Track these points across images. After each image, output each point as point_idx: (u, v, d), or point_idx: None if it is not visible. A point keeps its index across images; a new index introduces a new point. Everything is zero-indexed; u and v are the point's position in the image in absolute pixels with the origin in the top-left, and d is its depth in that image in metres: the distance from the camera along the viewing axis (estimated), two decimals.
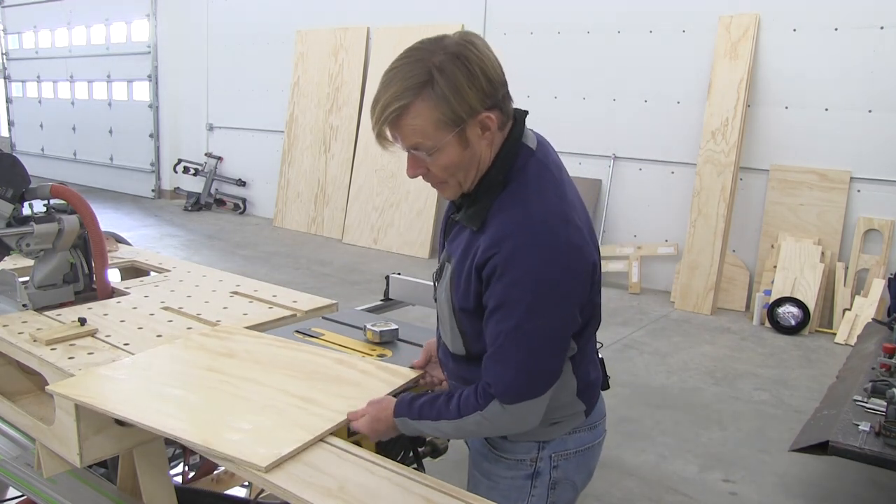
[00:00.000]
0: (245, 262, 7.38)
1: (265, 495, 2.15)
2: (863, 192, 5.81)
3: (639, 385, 4.50)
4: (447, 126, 1.31)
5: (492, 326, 1.37)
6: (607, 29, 6.90)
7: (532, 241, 1.32)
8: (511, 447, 1.55)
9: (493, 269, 1.33)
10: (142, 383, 1.70)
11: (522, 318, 1.33)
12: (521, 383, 1.37)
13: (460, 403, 1.43)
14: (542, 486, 1.56)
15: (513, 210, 1.36)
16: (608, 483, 3.28)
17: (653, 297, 6.55)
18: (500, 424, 1.42)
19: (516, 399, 1.37)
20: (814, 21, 5.89)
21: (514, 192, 1.39)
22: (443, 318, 1.54)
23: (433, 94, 1.29)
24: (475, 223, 1.40)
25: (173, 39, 11.01)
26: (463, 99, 1.29)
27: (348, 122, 8.71)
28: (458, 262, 1.43)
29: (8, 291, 2.28)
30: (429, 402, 1.48)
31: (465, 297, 1.42)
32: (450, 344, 1.55)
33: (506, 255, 1.32)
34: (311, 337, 2.07)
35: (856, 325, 5.32)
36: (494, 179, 1.40)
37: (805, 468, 3.47)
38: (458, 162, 1.36)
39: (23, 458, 2.22)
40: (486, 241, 1.35)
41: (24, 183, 2.25)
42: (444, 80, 1.28)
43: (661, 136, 6.67)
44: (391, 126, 1.34)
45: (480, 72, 1.30)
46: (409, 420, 1.48)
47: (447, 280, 1.47)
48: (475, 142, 1.35)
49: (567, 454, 1.57)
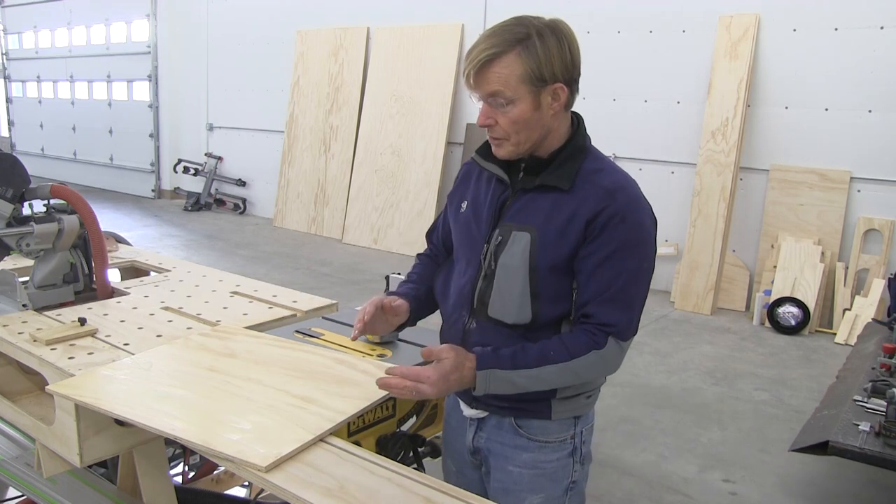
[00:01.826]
0: (245, 262, 7.38)
1: (265, 495, 2.15)
2: (863, 192, 5.81)
3: (639, 385, 4.50)
4: (529, 81, 1.44)
5: (608, 270, 1.47)
6: (607, 29, 6.90)
7: (637, 196, 1.52)
8: (555, 428, 1.61)
9: (610, 216, 1.46)
10: (142, 383, 1.70)
11: (641, 258, 1.50)
12: (636, 320, 1.52)
13: (568, 346, 1.47)
14: (578, 461, 1.65)
15: (612, 172, 1.53)
16: (608, 483, 3.28)
17: (653, 297, 6.55)
18: (611, 363, 1.51)
19: (632, 334, 1.51)
20: (814, 21, 5.89)
21: (598, 161, 1.56)
22: (504, 289, 1.54)
23: (526, 50, 1.43)
24: (566, 183, 1.51)
25: (173, 39, 11.01)
26: (550, 63, 1.44)
27: (348, 122, 8.71)
28: (543, 223, 1.51)
29: (8, 291, 2.28)
30: (520, 350, 1.49)
31: (558, 250, 1.49)
32: (513, 314, 1.54)
33: (623, 204, 1.48)
34: (311, 337, 2.07)
35: (856, 325, 5.31)
36: (577, 147, 1.55)
37: (805, 468, 3.47)
38: (527, 119, 1.48)
39: (23, 458, 2.22)
40: (596, 195, 1.48)
41: (24, 183, 2.25)
42: (541, 42, 1.44)
43: (661, 136, 6.67)
44: (479, 70, 1.45)
45: (569, 47, 1.47)
46: (498, 372, 1.47)
47: (523, 246, 1.51)
48: (545, 107, 1.48)
49: (590, 427, 1.68)
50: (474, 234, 1.61)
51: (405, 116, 8.07)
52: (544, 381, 1.49)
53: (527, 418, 1.60)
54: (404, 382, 1.43)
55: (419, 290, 1.77)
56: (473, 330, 1.60)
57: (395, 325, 1.70)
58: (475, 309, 1.59)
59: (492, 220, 1.58)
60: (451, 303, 1.66)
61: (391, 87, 8.21)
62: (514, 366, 1.47)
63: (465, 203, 1.66)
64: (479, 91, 1.48)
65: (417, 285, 1.78)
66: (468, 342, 1.59)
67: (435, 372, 1.44)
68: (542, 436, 1.61)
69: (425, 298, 1.76)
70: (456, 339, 1.62)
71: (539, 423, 1.60)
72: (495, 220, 1.57)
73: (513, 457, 1.63)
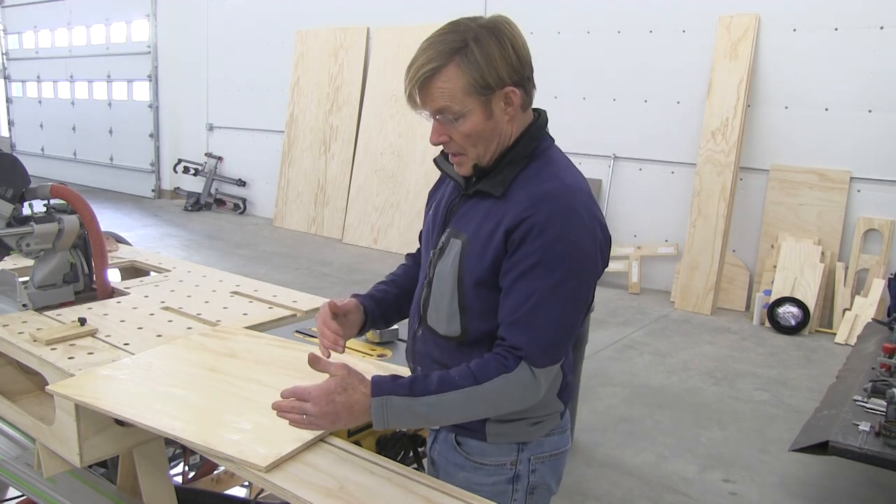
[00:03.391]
0: (245, 262, 7.38)
1: (265, 495, 2.15)
2: (863, 192, 5.81)
3: (639, 385, 4.50)
4: (475, 92, 1.36)
5: (522, 287, 1.35)
6: (607, 29, 6.90)
7: (569, 206, 1.36)
8: (492, 451, 1.50)
9: (528, 228, 1.34)
10: (142, 383, 1.70)
11: (560, 276, 1.34)
12: (555, 344, 1.37)
13: (474, 370, 1.35)
14: (522, 490, 1.53)
15: (546, 178, 1.40)
16: (608, 483, 3.28)
17: (653, 297, 6.55)
18: (525, 391, 1.36)
19: (549, 361, 1.36)
20: (814, 21, 5.89)
21: (542, 166, 1.43)
22: (438, 298, 1.49)
23: (466, 60, 1.34)
24: (498, 189, 1.42)
25: (173, 39, 11.01)
26: (493, 68, 1.35)
27: (348, 122, 8.71)
28: (474, 231, 1.43)
29: (8, 291, 2.28)
30: (421, 377, 1.37)
31: (480, 262, 1.41)
32: (443, 325, 1.49)
33: (545, 216, 1.34)
34: (311, 337, 2.07)
35: (856, 325, 5.32)
36: (520, 153, 1.44)
37: (805, 468, 3.47)
38: (481, 130, 1.40)
39: (23, 458, 2.22)
40: (519, 204, 1.37)
41: (24, 183, 2.25)
42: (479, 48, 1.34)
43: (661, 136, 6.67)
44: (421, 88, 1.38)
45: (511, 47, 1.37)
46: (395, 399, 1.33)
47: (455, 254, 1.45)
48: (498, 114, 1.40)
49: (543, 457, 1.54)
50: (430, 239, 1.58)
51: (405, 116, 8.07)
52: (449, 410, 1.36)
53: (465, 437, 1.52)
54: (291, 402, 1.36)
55: (387, 291, 1.70)
56: (419, 338, 1.57)
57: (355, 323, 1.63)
58: (421, 316, 1.55)
59: (441, 224, 1.54)
60: (412, 308, 1.63)
61: (391, 87, 8.22)
62: (413, 392, 1.34)
63: (432, 207, 1.62)
64: (426, 109, 1.40)
65: (388, 287, 1.71)
66: (415, 350, 1.58)
67: (317, 388, 1.35)
68: (478, 457, 1.51)
69: (393, 300, 1.69)
70: (409, 345, 1.61)
71: (476, 443, 1.51)
72: (443, 226, 1.53)
73: (453, 474, 1.55)
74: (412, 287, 1.67)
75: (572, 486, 3.20)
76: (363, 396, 1.34)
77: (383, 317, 1.69)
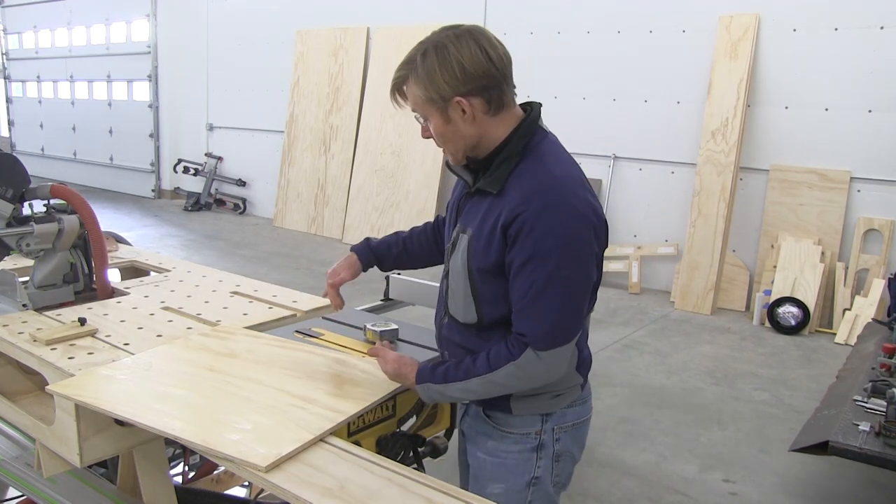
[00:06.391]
0: (245, 262, 7.38)
1: (265, 495, 2.15)
2: (863, 192, 5.81)
3: (639, 385, 4.50)
4: (429, 102, 1.51)
5: (522, 279, 1.48)
6: (607, 29, 6.90)
7: (559, 198, 1.47)
8: (518, 422, 1.64)
9: (522, 224, 1.46)
10: (142, 383, 1.70)
11: (554, 266, 1.45)
12: (554, 329, 1.49)
13: (490, 358, 1.52)
14: (547, 457, 1.67)
15: (537, 174, 1.51)
16: (608, 483, 3.28)
17: (653, 297, 6.55)
18: (534, 373, 1.51)
19: (550, 345, 1.49)
20: (814, 21, 5.88)
21: (533, 161, 1.53)
22: (455, 289, 1.63)
23: (415, 74, 1.51)
24: (494, 187, 1.53)
25: (173, 39, 11.01)
26: (435, 83, 1.48)
27: (348, 122, 8.71)
28: (478, 227, 1.56)
29: (8, 291, 2.28)
30: (453, 365, 1.57)
31: (486, 256, 1.53)
32: (461, 314, 1.63)
33: (535, 211, 1.45)
34: (311, 337, 2.07)
35: (856, 325, 5.32)
36: (512, 151, 1.54)
37: (805, 468, 3.47)
38: (444, 133, 1.54)
39: (23, 458, 2.22)
40: (513, 201, 1.48)
41: (24, 183, 2.25)
42: (423, 64, 1.49)
43: (661, 136, 6.67)
44: (397, 93, 1.57)
45: (456, 62, 1.47)
46: (432, 386, 1.58)
47: (463, 248, 1.59)
48: (457, 120, 1.52)
49: (566, 427, 1.68)
50: (447, 234, 1.73)
51: (405, 116, 8.06)
52: (474, 392, 1.57)
53: (493, 410, 1.68)
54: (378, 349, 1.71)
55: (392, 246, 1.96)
56: (445, 325, 1.73)
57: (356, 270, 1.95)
58: (446, 306, 1.71)
59: (452, 221, 1.70)
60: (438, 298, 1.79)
61: None
62: (445, 380, 1.57)
63: (448, 204, 1.78)
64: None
65: (395, 242, 1.97)
66: (441, 336, 1.76)
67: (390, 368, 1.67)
68: (504, 426, 1.67)
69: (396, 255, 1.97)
70: (436, 332, 1.79)
71: (503, 415, 1.66)
72: (454, 222, 1.68)
73: (481, 443, 1.71)
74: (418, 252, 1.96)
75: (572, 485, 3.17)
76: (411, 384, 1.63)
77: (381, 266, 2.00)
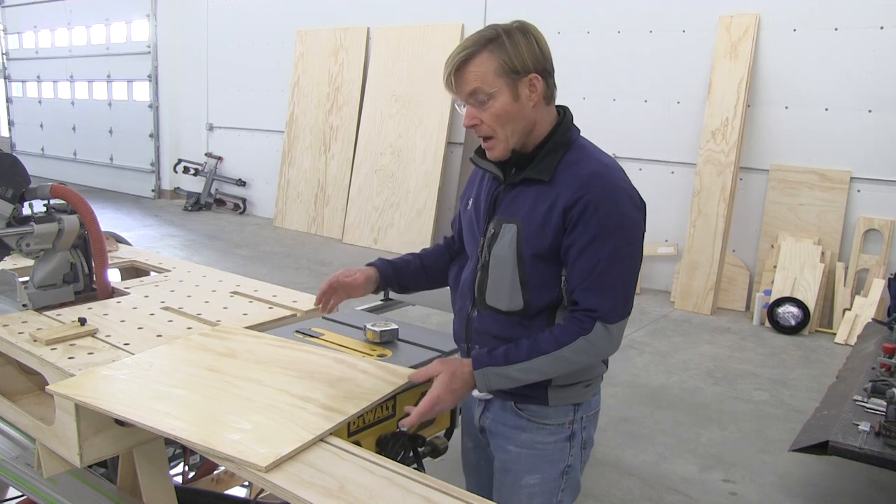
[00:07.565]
0: (245, 262, 7.38)
1: (265, 495, 2.15)
2: (863, 192, 5.81)
3: (639, 385, 4.50)
4: (504, 74, 1.55)
5: (587, 257, 1.55)
6: (607, 29, 6.90)
7: (615, 184, 1.58)
8: (553, 413, 1.70)
9: (585, 205, 1.54)
10: (142, 383, 1.69)
11: (617, 244, 1.55)
12: (622, 302, 1.58)
13: (556, 335, 1.57)
14: (577, 446, 1.74)
15: (589, 162, 1.60)
16: (608, 483, 3.28)
17: (653, 297, 6.55)
18: (602, 346, 1.58)
19: (619, 318, 1.58)
20: (814, 21, 5.89)
21: (578, 152, 1.63)
22: (498, 278, 1.65)
23: (498, 47, 1.56)
24: (545, 175, 1.61)
25: (173, 39, 11.01)
26: (520, 55, 1.56)
27: (348, 122, 8.71)
28: (527, 214, 1.61)
29: (8, 291, 2.28)
30: (512, 347, 1.59)
31: (540, 240, 1.59)
32: (506, 302, 1.65)
33: (598, 194, 1.54)
34: (311, 337, 2.07)
35: (856, 325, 5.32)
36: (558, 142, 1.63)
37: (805, 468, 3.47)
38: (509, 111, 1.58)
39: (23, 458, 2.21)
40: (572, 186, 1.56)
41: (24, 183, 2.25)
42: (509, 39, 1.57)
43: (661, 136, 6.67)
44: (457, 72, 1.58)
45: (536, 42, 1.60)
46: (493, 369, 1.58)
47: (511, 237, 1.62)
48: (524, 98, 1.58)
49: (591, 415, 1.77)
50: (475, 230, 1.75)
51: (405, 116, 8.07)
52: (539, 372, 1.59)
53: (525, 403, 1.71)
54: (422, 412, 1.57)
55: (411, 262, 1.95)
56: (475, 318, 1.73)
57: (354, 296, 1.90)
58: (476, 298, 1.72)
59: (486, 214, 1.71)
60: (458, 293, 1.81)
61: (391, 87, 8.21)
62: (507, 361, 1.58)
63: (470, 201, 1.80)
64: (459, 93, 1.60)
65: (413, 258, 1.97)
66: (471, 329, 1.75)
67: (439, 389, 1.59)
68: (540, 418, 1.71)
69: (413, 271, 1.95)
70: (462, 326, 1.78)
71: (537, 407, 1.70)
72: (490, 215, 1.70)
73: (513, 437, 1.74)
74: (435, 266, 1.95)
75: None
76: (470, 374, 1.60)
77: (399, 282, 1.95)
